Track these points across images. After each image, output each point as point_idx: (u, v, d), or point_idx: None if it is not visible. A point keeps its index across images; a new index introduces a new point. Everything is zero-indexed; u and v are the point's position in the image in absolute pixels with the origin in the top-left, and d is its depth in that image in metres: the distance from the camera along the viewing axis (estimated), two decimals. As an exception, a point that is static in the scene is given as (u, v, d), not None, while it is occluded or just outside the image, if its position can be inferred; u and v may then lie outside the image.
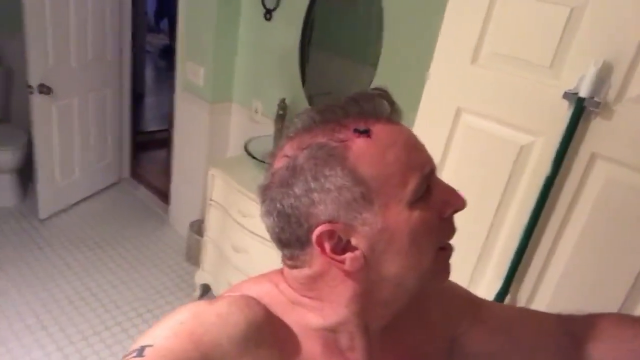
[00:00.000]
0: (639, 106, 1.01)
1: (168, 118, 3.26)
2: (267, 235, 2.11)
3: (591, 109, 1.04)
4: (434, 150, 1.31)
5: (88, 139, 3.15)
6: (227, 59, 2.60)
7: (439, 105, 1.31)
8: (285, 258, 0.59)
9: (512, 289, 1.25)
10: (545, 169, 1.13)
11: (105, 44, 3.09)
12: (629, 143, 1.03)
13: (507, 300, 1.27)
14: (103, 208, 3.23)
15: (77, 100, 2.98)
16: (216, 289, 2.41)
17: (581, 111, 1.05)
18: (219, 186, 2.27)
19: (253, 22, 2.49)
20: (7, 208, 3.04)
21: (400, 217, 0.52)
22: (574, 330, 0.71)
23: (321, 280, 0.57)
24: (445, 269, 0.58)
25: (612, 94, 1.03)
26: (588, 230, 1.11)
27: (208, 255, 2.45)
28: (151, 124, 4.63)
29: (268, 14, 2.39)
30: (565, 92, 1.07)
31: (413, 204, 0.53)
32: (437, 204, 0.55)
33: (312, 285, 0.57)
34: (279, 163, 0.55)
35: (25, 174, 3.10)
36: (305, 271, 0.57)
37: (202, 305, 0.55)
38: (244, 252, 2.14)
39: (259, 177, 2.12)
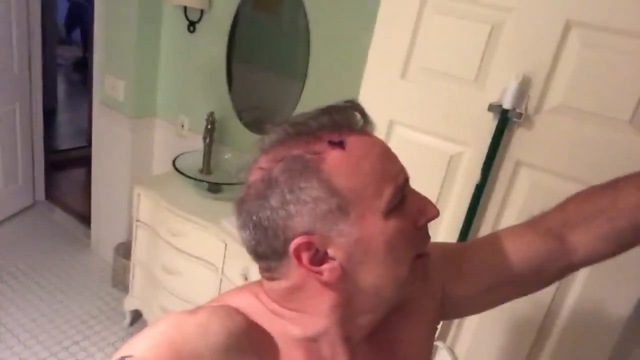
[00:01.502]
0: (555, 116, 1.08)
1: (86, 134, 3.08)
2: (200, 254, 2.05)
3: (514, 119, 1.11)
4: (369, 162, 1.34)
5: (-6, 160, 2.91)
6: (149, 72, 2.51)
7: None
8: (262, 270, 0.59)
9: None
10: (474, 177, 1.18)
11: (11, 55, 2.87)
12: (549, 150, 1.10)
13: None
14: (16, 234, 2.98)
15: (-20, 118, 2.74)
16: (147, 315, 2.29)
17: (505, 122, 1.11)
18: (146, 205, 2.17)
19: (176, 34, 2.41)
20: None
21: (376, 227, 0.53)
22: (551, 227, 0.73)
23: (299, 292, 0.57)
24: (422, 275, 0.60)
25: (532, 105, 1.10)
26: (517, 234, 1.17)
27: (137, 279, 2.33)
28: (65, 142, 4.36)
29: (191, 26, 2.33)
30: (490, 104, 1.13)
31: (388, 213, 0.54)
32: (411, 214, 0.56)
33: (290, 297, 0.58)
34: (254, 176, 0.55)
35: None
36: (282, 283, 0.57)
37: (183, 316, 0.54)
38: (176, 274, 2.06)
39: (190, 194, 2.07)
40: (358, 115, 0.57)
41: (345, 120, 0.56)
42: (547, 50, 1.06)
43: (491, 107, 1.13)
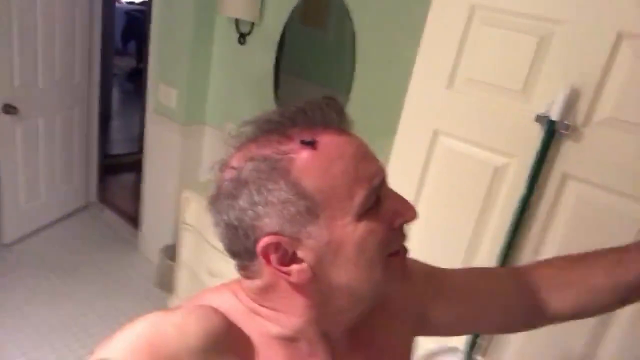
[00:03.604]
0: (605, 129, 1.07)
1: (138, 141, 3.22)
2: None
3: (562, 131, 1.10)
4: (412, 171, 1.35)
5: (54, 161, 3.08)
6: (200, 81, 2.61)
7: (416, 128, 1.35)
8: (238, 268, 0.59)
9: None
10: (519, 189, 1.17)
11: (73, 64, 3.05)
12: (597, 164, 1.09)
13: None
14: (70, 232, 3.14)
15: (43, 121, 2.91)
16: (190, 314, 2.36)
17: (552, 133, 1.11)
18: (193, 209, 2.25)
19: (227, 46, 2.51)
20: (-32, 233, 2.91)
21: (347, 229, 0.52)
22: (527, 282, 0.75)
23: (272, 291, 0.57)
24: (400, 272, 0.59)
25: (580, 118, 1.09)
26: (563, 248, 1.15)
27: (181, 280, 2.40)
28: (117, 147, 4.55)
29: (242, 38, 2.42)
30: (538, 116, 1.12)
31: (361, 215, 0.52)
32: (387, 215, 0.55)
33: (265, 296, 0.58)
34: (225, 174, 0.55)
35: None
36: (257, 282, 0.57)
37: (160, 316, 0.54)
38: (220, 276, 2.11)
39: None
40: (334, 113, 0.55)
41: (320, 118, 0.54)
42: (598, 62, 1.05)
43: (538, 119, 1.12)
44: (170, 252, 2.64)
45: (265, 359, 0.57)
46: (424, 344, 0.71)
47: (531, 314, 0.75)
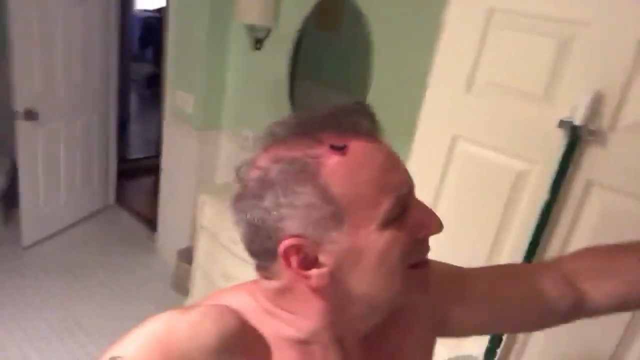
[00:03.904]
0: (631, 134, 1.04)
1: (155, 145, 3.25)
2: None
3: (586, 136, 1.07)
4: (430, 177, 1.33)
5: (74, 165, 3.11)
6: (217, 87, 2.62)
7: (435, 133, 1.33)
8: (257, 268, 0.59)
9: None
10: (542, 196, 1.15)
11: (92, 71, 3.09)
12: (623, 170, 1.06)
13: (507, 338, 1.26)
14: (87, 235, 3.17)
15: (63, 126, 2.95)
16: (205, 319, 2.36)
17: (576, 139, 1.08)
18: (209, 212, 2.26)
19: (243, 51, 2.51)
20: (-11, 235, 2.96)
21: (371, 237, 0.52)
22: (566, 273, 0.73)
23: (290, 293, 0.56)
24: (421, 285, 0.58)
25: (605, 123, 1.06)
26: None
27: (197, 283, 2.41)
28: (135, 151, 4.60)
29: (258, 43, 2.42)
30: (560, 121, 1.10)
31: (386, 224, 0.52)
32: (411, 226, 0.54)
33: (282, 298, 0.57)
34: (252, 174, 0.54)
35: (9, 199, 3.03)
36: (274, 283, 0.56)
37: (175, 315, 0.53)
38: (235, 280, 2.10)
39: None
40: (365, 119, 0.54)
41: (351, 124, 0.53)
42: (623, 65, 1.03)
43: (561, 124, 1.10)
44: (187, 255, 2.65)
45: None
46: (440, 353, 0.68)
47: (568, 307, 0.72)
